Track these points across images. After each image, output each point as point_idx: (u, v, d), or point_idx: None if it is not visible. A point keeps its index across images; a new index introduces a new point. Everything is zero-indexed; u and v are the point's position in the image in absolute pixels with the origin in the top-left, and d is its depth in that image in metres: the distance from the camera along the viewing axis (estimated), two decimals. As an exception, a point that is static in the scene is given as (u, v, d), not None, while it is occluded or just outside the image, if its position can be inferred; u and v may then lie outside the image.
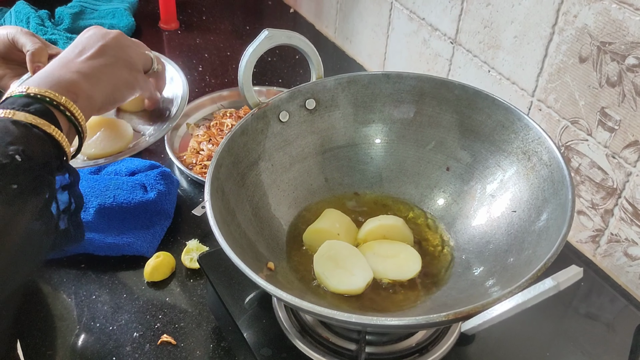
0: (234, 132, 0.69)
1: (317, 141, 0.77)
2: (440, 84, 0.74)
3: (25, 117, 0.56)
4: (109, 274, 0.84)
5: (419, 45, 1.13)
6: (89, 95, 0.64)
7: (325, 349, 0.65)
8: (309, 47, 0.74)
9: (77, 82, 0.64)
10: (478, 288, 0.64)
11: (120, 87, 0.71)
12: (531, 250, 0.61)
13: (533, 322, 0.73)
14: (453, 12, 1.01)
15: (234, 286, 0.71)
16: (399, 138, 0.78)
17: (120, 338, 0.76)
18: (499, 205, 0.69)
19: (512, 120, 0.70)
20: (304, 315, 0.67)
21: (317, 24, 1.48)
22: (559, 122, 0.87)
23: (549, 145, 0.65)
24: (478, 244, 0.69)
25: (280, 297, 0.52)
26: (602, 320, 0.78)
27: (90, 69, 0.67)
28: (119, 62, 0.71)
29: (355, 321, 0.50)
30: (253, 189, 0.71)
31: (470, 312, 0.50)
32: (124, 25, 1.37)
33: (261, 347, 0.65)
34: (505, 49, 0.93)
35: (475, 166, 0.73)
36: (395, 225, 0.71)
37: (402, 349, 0.65)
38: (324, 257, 0.66)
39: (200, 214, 0.91)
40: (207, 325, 0.78)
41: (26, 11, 1.32)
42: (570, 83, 0.83)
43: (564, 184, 0.61)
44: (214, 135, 1.07)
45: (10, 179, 0.52)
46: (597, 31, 0.77)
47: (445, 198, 0.75)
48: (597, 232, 0.87)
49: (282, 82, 1.26)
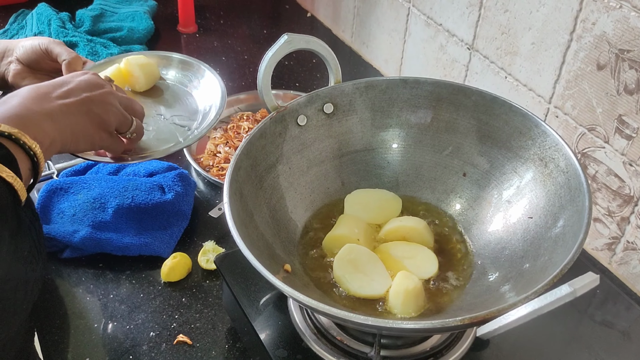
0: (252, 135, 0.70)
1: (335, 145, 0.78)
2: (458, 90, 0.75)
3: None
4: (126, 273, 0.85)
5: (435, 51, 1.13)
6: (52, 141, 0.64)
7: (340, 352, 0.65)
8: (328, 52, 0.74)
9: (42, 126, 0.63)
10: (493, 293, 0.64)
11: (79, 140, 0.69)
12: (547, 256, 0.61)
13: (548, 329, 0.73)
14: (470, 18, 1.01)
15: (249, 287, 0.72)
16: (415, 143, 0.78)
17: (137, 337, 0.77)
18: (515, 212, 0.69)
19: (529, 126, 0.70)
20: (319, 317, 0.68)
21: (334, 28, 1.49)
22: (576, 129, 0.87)
23: (566, 152, 0.65)
24: (494, 250, 0.69)
25: (297, 299, 0.52)
26: (617, 328, 0.77)
27: (59, 114, 0.66)
28: (90, 117, 0.70)
29: (372, 324, 0.51)
30: (271, 192, 0.72)
31: (486, 317, 0.51)
32: (143, 28, 1.38)
33: (277, 349, 0.66)
34: (522, 55, 0.93)
35: (492, 172, 0.73)
36: (415, 228, 0.71)
37: (416, 352, 0.65)
38: (344, 260, 0.67)
39: (217, 216, 0.92)
40: (222, 325, 0.79)
41: (48, 13, 1.34)
42: (587, 90, 0.83)
43: (580, 191, 0.61)
44: (231, 138, 1.08)
45: None
46: (615, 38, 0.77)
47: (461, 203, 0.75)
48: (613, 239, 0.87)
49: (299, 86, 1.27)
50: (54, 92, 0.68)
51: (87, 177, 0.93)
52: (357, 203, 0.76)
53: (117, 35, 1.35)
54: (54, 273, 0.85)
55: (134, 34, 1.36)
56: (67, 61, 0.88)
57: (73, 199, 0.89)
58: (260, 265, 0.54)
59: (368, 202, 0.76)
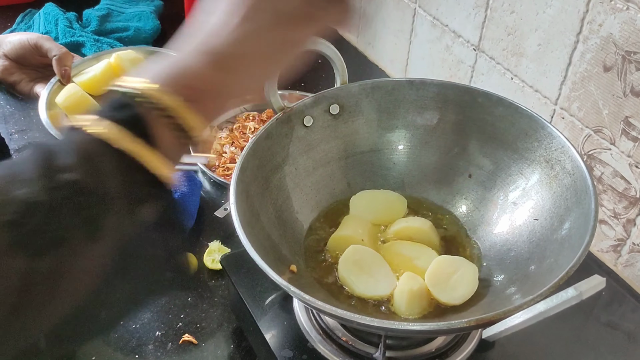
0: (259, 136, 0.70)
1: (341, 146, 0.78)
2: (464, 91, 0.75)
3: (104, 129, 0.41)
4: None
5: (441, 52, 1.13)
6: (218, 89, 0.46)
7: (346, 352, 0.65)
8: (334, 52, 0.74)
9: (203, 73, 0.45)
10: (499, 295, 0.64)
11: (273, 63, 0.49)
12: (553, 258, 0.61)
13: (553, 330, 0.73)
14: (477, 19, 1.01)
15: (255, 287, 0.72)
16: (421, 144, 0.78)
17: (143, 336, 0.77)
18: (521, 213, 0.69)
19: (535, 128, 0.70)
20: (325, 318, 0.68)
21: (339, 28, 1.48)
22: (582, 130, 0.86)
23: (573, 154, 0.65)
24: (499, 252, 0.69)
25: (304, 300, 0.53)
26: (623, 330, 0.77)
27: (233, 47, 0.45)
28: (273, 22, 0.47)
29: (377, 325, 0.51)
30: (277, 192, 0.72)
31: (492, 319, 0.51)
32: (150, 28, 1.38)
33: (282, 349, 0.66)
34: (528, 56, 0.93)
35: (497, 174, 0.73)
36: (421, 228, 0.71)
37: (422, 353, 0.65)
38: (350, 261, 0.67)
39: (223, 216, 0.92)
40: (228, 325, 0.79)
41: (55, 13, 1.34)
42: (594, 92, 0.83)
43: (587, 193, 0.61)
44: (237, 138, 1.08)
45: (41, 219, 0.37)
46: (622, 40, 0.77)
47: (467, 205, 0.75)
48: (619, 241, 0.87)
49: (304, 86, 1.27)
50: None
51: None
52: (362, 204, 0.76)
53: (123, 35, 1.35)
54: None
55: (140, 34, 1.37)
56: (57, 56, 0.89)
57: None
58: (267, 266, 0.54)
59: (373, 203, 0.76)
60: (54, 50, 0.90)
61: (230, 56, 0.45)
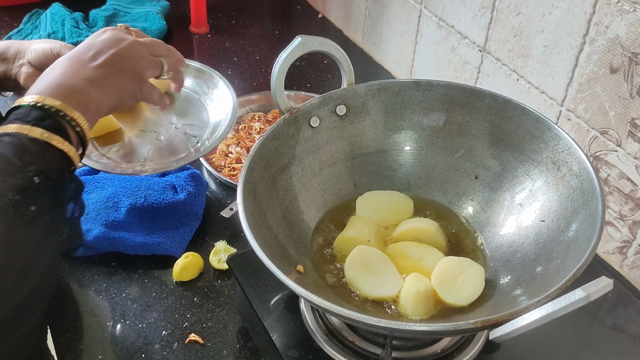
0: (265, 137, 0.70)
1: (347, 147, 0.78)
2: (471, 93, 0.75)
3: (41, 134, 0.56)
4: (138, 272, 0.86)
5: (447, 53, 1.13)
6: (97, 106, 0.66)
7: (352, 352, 0.65)
8: (341, 54, 0.74)
9: (87, 92, 0.65)
10: (505, 296, 0.64)
11: (125, 98, 0.72)
12: (560, 260, 0.61)
13: (559, 332, 0.73)
14: (482, 21, 1.01)
15: (261, 288, 0.72)
16: (428, 145, 0.78)
17: (149, 336, 0.77)
18: (527, 215, 0.70)
19: (542, 129, 0.70)
20: (331, 318, 0.68)
21: (345, 29, 1.49)
22: (588, 132, 0.86)
23: (579, 155, 0.65)
24: (506, 253, 0.69)
25: (311, 301, 0.53)
26: (628, 332, 0.77)
27: (100, 77, 0.67)
28: (126, 73, 0.71)
29: (384, 325, 0.51)
30: (283, 193, 0.72)
31: (499, 320, 0.51)
32: (156, 28, 1.39)
33: (288, 349, 0.66)
34: (534, 58, 0.93)
35: (504, 175, 0.73)
36: (428, 229, 0.71)
37: (428, 354, 0.65)
38: (356, 262, 0.67)
39: (229, 216, 0.93)
40: (234, 325, 0.79)
41: (61, 13, 1.35)
42: (600, 93, 0.83)
43: (594, 195, 0.61)
44: (243, 138, 1.08)
45: (30, 201, 0.53)
46: (629, 42, 0.77)
47: (473, 206, 0.75)
48: (625, 243, 0.87)
49: (310, 87, 1.27)
50: (85, 56, 0.69)
51: (100, 177, 0.94)
52: (368, 204, 0.76)
53: (129, 35, 1.36)
54: (67, 271, 0.86)
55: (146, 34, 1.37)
56: None
57: (86, 198, 0.90)
58: (274, 266, 0.55)
59: (379, 203, 0.77)
60: None
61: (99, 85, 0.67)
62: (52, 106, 0.59)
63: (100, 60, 0.69)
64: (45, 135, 0.57)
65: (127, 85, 0.72)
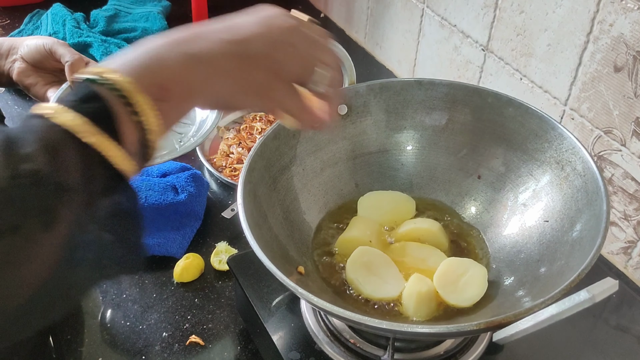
0: (266, 136, 0.69)
1: (349, 147, 0.77)
2: (473, 92, 0.74)
3: (70, 120, 0.40)
4: (139, 273, 0.86)
5: (449, 52, 1.13)
6: (189, 91, 0.46)
7: (353, 354, 0.65)
8: (343, 53, 0.74)
9: (180, 70, 0.45)
10: (508, 298, 0.63)
11: (244, 90, 0.49)
12: (564, 261, 0.60)
13: (563, 333, 0.72)
14: (485, 20, 1.01)
15: (262, 289, 0.72)
16: (430, 145, 0.78)
17: (150, 337, 0.77)
18: (531, 215, 0.69)
19: (545, 129, 0.69)
20: (332, 320, 0.67)
21: (347, 29, 1.48)
22: (592, 131, 0.86)
23: (584, 155, 0.64)
24: (509, 253, 0.69)
25: (312, 302, 0.52)
26: (633, 333, 0.76)
27: (216, 54, 0.46)
28: (260, 59, 0.48)
29: (386, 327, 0.50)
30: (284, 193, 0.71)
31: (502, 321, 0.50)
32: (157, 28, 1.39)
33: (289, 351, 0.66)
34: (538, 57, 0.92)
35: (507, 175, 0.73)
36: (430, 230, 0.71)
37: (430, 356, 0.65)
38: (358, 263, 0.67)
39: (230, 217, 0.92)
40: (235, 327, 0.79)
41: (62, 14, 1.34)
42: (604, 92, 0.82)
43: (598, 195, 0.60)
44: (244, 138, 1.08)
45: None
46: (633, 40, 0.76)
47: (476, 206, 0.75)
48: (630, 243, 0.86)
49: (311, 87, 1.26)
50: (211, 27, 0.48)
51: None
52: (370, 205, 0.76)
53: (131, 35, 1.35)
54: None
55: (147, 35, 1.36)
56: (70, 62, 0.90)
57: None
58: (274, 267, 0.54)
59: (381, 204, 0.76)
60: (67, 56, 0.91)
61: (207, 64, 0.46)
62: (108, 80, 0.42)
63: (229, 35, 0.47)
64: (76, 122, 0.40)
65: (254, 75, 0.48)
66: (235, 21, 0.49)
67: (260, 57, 0.48)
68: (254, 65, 0.48)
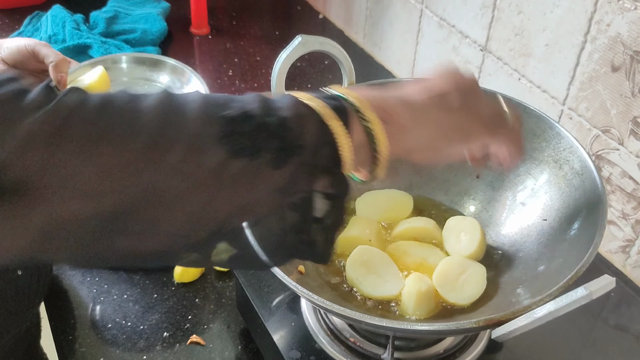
0: (266, 137, 0.70)
1: (348, 147, 0.78)
2: (472, 92, 0.74)
3: (319, 105, 0.46)
4: (140, 274, 0.86)
5: (448, 52, 1.13)
6: (403, 126, 0.50)
7: (353, 353, 0.65)
8: (342, 53, 0.74)
9: (396, 107, 0.50)
10: (507, 296, 0.64)
11: (449, 133, 0.53)
12: (562, 259, 0.60)
13: (562, 332, 0.73)
14: (484, 20, 1.01)
15: (263, 288, 0.72)
16: (429, 145, 0.78)
17: (151, 337, 0.77)
18: (529, 214, 0.69)
19: (543, 128, 0.70)
20: (332, 319, 0.68)
21: (346, 29, 1.49)
22: (590, 131, 0.86)
23: (581, 154, 0.65)
24: (508, 252, 0.69)
25: (312, 301, 0.53)
26: (631, 332, 0.77)
27: (420, 105, 0.52)
28: (458, 108, 0.54)
29: (386, 325, 0.51)
30: (284, 193, 0.72)
31: (501, 319, 0.50)
32: (157, 29, 1.39)
33: (290, 350, 0.66)
34: (536, 56, 0.93)
35: (505, 174, 0.73)
36: (425, 228, 0.71)
37: (430, 354, 0.65)
38: (357, 262, 0.67)
39: (230, 217, 0.92)
40: (235, 326, 0.79)
41: (62, 15, 1.35)
42: (602, 92, 0.83)
43: (596, 194, 0.61)
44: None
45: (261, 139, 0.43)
46: (630, 40, 0.77)
47: (475, 205, 0.75)
48: (628, 242, 0.86)
49: (311, 87, 1.27)
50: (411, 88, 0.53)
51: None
52: (367, 204, 0.76)
53: (130, 37, 1.36)
54: (68, 272, 0.86)
55: (147, 36, 1.37)
56: (54, 63, 0.90)
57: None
58: (275, 267, 0.54)
59: (379, 202, 0.76)
60: (50, 57, 0.91)
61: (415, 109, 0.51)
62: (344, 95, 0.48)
63: (428, 92, 0.53)
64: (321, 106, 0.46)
65: (457, 121, 0.54)
66: (429, 82, 0.54)
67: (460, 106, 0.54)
68: (457, 116, 0.53)
